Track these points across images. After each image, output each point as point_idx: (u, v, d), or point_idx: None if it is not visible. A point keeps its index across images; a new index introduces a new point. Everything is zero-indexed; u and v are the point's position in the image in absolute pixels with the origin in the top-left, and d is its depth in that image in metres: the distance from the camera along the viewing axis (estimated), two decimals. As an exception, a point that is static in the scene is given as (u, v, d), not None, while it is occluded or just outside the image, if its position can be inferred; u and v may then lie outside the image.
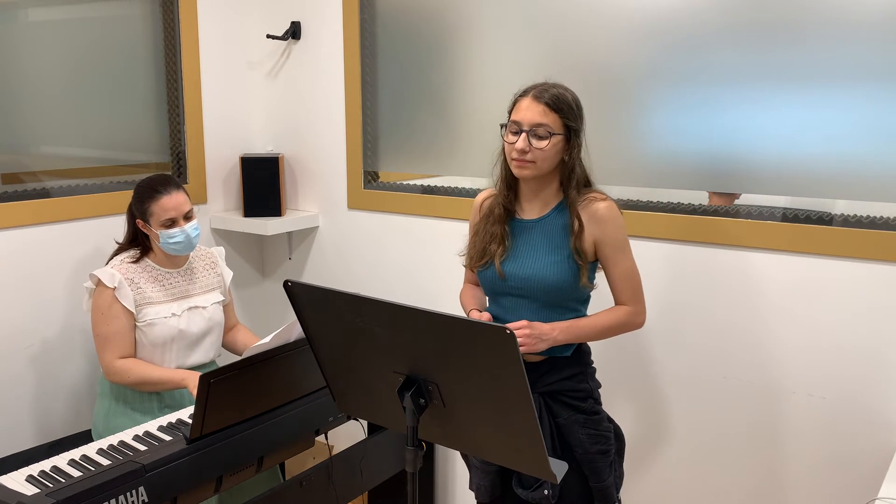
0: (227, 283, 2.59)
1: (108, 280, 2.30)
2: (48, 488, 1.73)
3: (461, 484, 2.91)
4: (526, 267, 1.94)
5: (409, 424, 1.55)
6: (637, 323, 1.98)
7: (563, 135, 1.88)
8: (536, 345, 1.88)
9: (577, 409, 1.97)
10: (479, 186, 2.74)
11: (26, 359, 2.60)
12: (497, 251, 1.96)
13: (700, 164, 2.29)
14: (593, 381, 2.03)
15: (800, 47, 2.09)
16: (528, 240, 1.96)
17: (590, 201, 1.92)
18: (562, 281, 1.91)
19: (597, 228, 1.91)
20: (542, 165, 1.89)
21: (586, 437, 1.96)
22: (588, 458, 1.96)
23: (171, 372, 2.34)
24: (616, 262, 1.94)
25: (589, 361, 2.04)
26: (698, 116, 2.27)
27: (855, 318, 2.12)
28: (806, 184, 2.15)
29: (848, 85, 2.05)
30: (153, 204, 2.34)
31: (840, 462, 2.18)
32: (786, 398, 2.24)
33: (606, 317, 1.96)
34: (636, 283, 1.96)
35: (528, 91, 1.90)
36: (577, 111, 1.90)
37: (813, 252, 2.14)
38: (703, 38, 2.22)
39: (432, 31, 2.74)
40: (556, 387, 1.96)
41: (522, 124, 1.87)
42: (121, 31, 2.81)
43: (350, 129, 2.96)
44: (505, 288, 1.97)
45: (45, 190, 2.63)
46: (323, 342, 1.71)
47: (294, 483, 2.20)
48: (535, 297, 1.93)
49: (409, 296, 2.88)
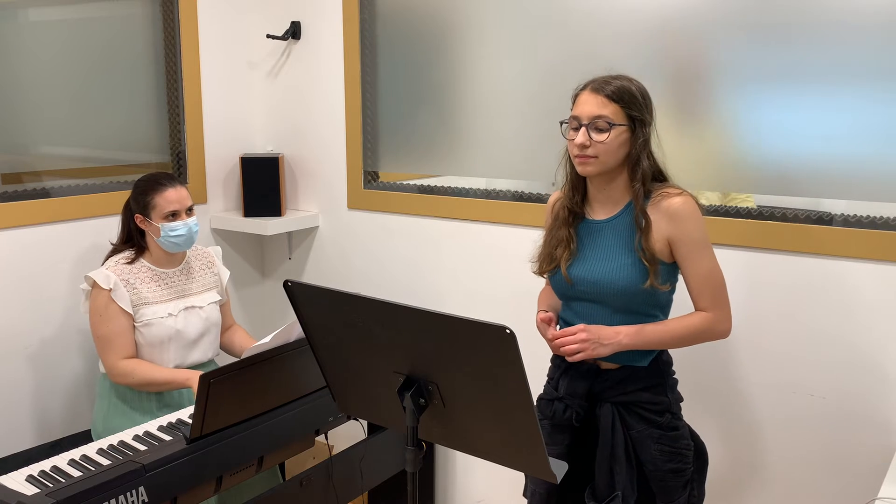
0: (223, 283, 2.58)
1: (103, 282, 2.30)
2: (48, 488, 1.73)
3: (461, 484, 2.91)
4: (595, 271, 1.83)
5: (409, 424, 1.55)
6: (719, 331, 1.83)
7: (626, 126, 1.77)
8: (596, 349, 1.78)
9: (653, 422, 1.85)
10: (479, 186, 2.74)
11: (26, 359, 2.60)
12: (563, 255, 1.87)
13: (713, 165, 2.29)
14: (673, 393, 1.90)
15: (807, 46, 2.09)
16: (597, 242, 1.86)
17: (663, 197, 1.80)
18: (633, 285, 1.79)
19: (670, 226, 1.79)
20: (606, 160, 1.78)
21: (659, 454, 1.84)
22: (659, 475, 1.84)
23: (175, 372, 2.34)
24: (693, 262, 1.80)
25: (670, 372, 1.91)
26: (700, 116, 2.27)
27: (855, 317, 2.11)
28: (808, 184, 2.15)
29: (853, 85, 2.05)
30: (157, 196, 2.34)
31: (840, 462, 2.18)
32: (786, 398, 2.24)
33: (682, 322, 1.83)
34: (717, 286, 1.82)
35: (588, 84, 1.81)
36: (641, 100, 1.79)
37: (813, 252, 2.14)
38: (704, 38, 2.22)
39: (432, 31, 2.74)
40: (632, 397, 1.85)
41: (581, 118, 1.78)
42: (121, 31, 2.81)
43: (350, 129, 2.96)
44: (575, 293, 1.87)
45: (45, 190, 2.63)
46: (323, 342, 1.71)
47: (294, 483, 2.20)
48: (606, 301, 1.83)
49: (409, 296, 2.88)
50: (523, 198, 2.62)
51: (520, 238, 2.54)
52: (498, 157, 2.66)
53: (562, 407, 1.91)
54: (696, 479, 1.93)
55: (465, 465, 2.89)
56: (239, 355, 2.54)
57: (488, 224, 2.69)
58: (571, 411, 1.89)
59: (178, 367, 2.40)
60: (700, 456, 1.95)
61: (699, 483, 1.95)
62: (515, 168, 2.63)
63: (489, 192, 2.71)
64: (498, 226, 2.66)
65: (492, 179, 2.72)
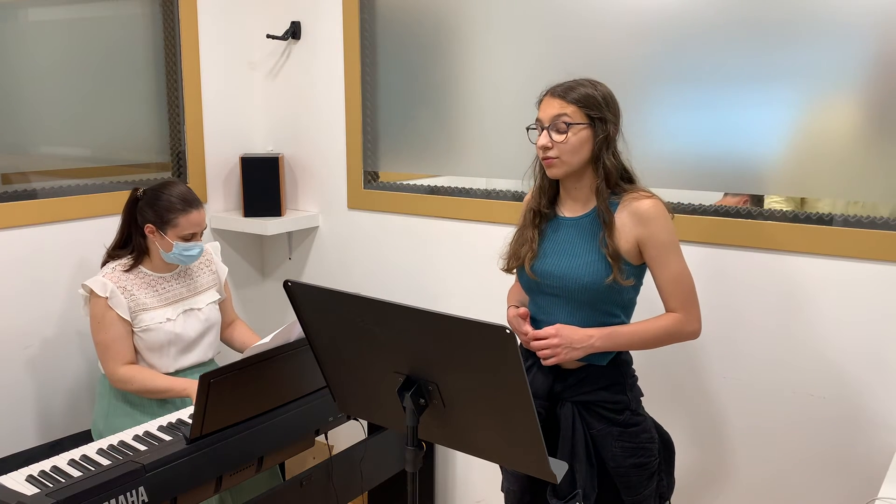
0: (222, 280, 2.58)
1: (99, 290, 2.29)
2: (48, 488, 1.73)
3: (461, 484, 2.91)
4: (560, 266, 1.88)
5: (409, 424, 1.55)
6: (688, 332, 1.87)
7: (585, 124, 1.81)
8: (568, 353, 1.81)
9: (612, 421, 1.88)
10: (479, 186, 2.74)
11: (26, 359, 2.60)
12: (526, 255, 1.92)
13: (709, 164, 2.29)
14: (632, 391, 1.93)
15: (798, 46, 2.09)
16: (564, 238, 1.90)
17: (632, 199, 1.84)
18: (597, 280, 1.82)
19: (639, 227, 1.83)
20: (568, 160, 1.82)
21: (620, 451, 1.88)
22: (621, 471, 1.88)
23: (174, 381, 2.34)
24: (663, 264, 1.83)
25: (628, 372, 1.94)
26: (702, 116, 2.27)
27: (855, 317, 2.11)
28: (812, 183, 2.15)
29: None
30: (181, 217, 2.32)
31: (840, 462, 2.18)
32: (786, 398, 2.24)
33: (653, 324, 1.86)
34: (687, 287, 1.85)
35: (549, 90, 1.87)
36: (601, 101, 1.82)
37: (812, 252, 2.14)
38: (705, 38, 2.22)
39: (432, 31, 2.74)
40: (591, 397, 1.88)
41: (543, 121, 1.84)
42: (121, 31, 2.81)
43: (350, 129, 2.96)
44: (540, 287, 1.91)
45: (45, 190, 2.63)
46: (323, 342, 1.71)
47: (294, 483, 2.20)
48: (569, 296, 1.86)
49: (409, 296, 2.88)
50: (523, 198, 2.61)
51: (520, 238, 2.54)
52: (498, 157, 2.66)
53: None
54: (664, 469, 1.98)
55: (465, 465, 2.89)
56: (240, 350, 2.54)
57: (488, 224, 2.69)
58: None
59: (177, 369, 2.40)
60: (667, 447, 1.99)
61: (668, 472, 2.00)
62: (515, 168, 2.61)
63: (489, 192, 2.71)
64: (498, 226, 2.66)
65: (492, 179, 2.73)
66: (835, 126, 2.10)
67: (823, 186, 2.14)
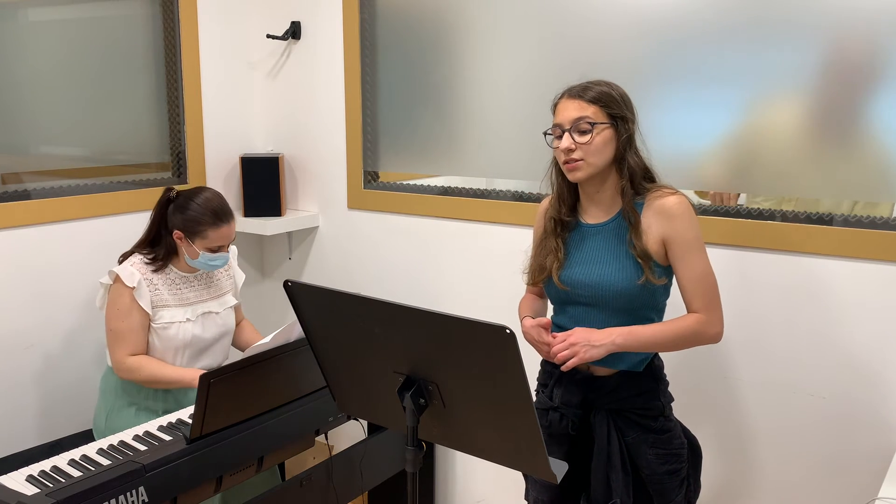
0: (239, 285, 2.58)
1: (127, 279, 2.29)
2: (48, 488, 1.73)
3: (461, 484, 2.91)
4: (591, 274, 1.83)
5: (409, 424, 1.55)
6: (710, 334, 1.81)
7: (608, 124, 1.78)
8: (588, 352, 1.75)
9: (646, 427, 1.86)
10: (478, 186, 2.74)
11: (26, 359, 2.60)
12: (553, 265, 1.87)
13: (700, 162, 2.29)
14: (665, 396, 1.91)
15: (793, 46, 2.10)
16: (592, 245, 1.86)
17: (657, 196, 1.80)
18: (630, 283, 1.79)
19: (665, 225, 1.79)
20: (593, 161, 1.78)
21: (655, 458, 1.85)
22: (656, 478, 1.85)
23: (182, 371, 2.33)
24: (687, 262, 1.79)
25: (662, 376, 1.92)
26: (701, 116, 2.27)
27: (855, 317, 2.11)
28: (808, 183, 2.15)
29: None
30: (212, 230, 2.32)
31: (840, 462, 2.18)
32: (786, 398, 2.24)
33: (675, 324, 1.81)
34: (710, 288, 1.80)
35: (565, 92, 1.83)
36: (619, 100, 1.79)
37: (812, 252, 2.14)
38: (706, 37, 2.22)
39: (432, 30, 2.74)
40: (625, 404, 1.86)
41: (563, 125, 1.79)
42: (121, 31, 2.81)
43: (350, 129, 2.96)
44: (570, 297, 1.86)
45: (45, 190, 2.63)
46: (323, 342, 1.71)
47: (294, 483, 2.20)
48: (604, 304, 1.82)
49: (410, 296, 2.88)
50: (523, 198, 2.62)
51: (520, 238, 2.54)
52: (498, 157, 2.66)
53: (557, 416, 1.91)
54: (692, 474, 1.95)
55: (465, 465, 2.89)
56: (243, 349, 2.54)
57: (488, 224, 2.69)
58: (567, 420, 1.90)
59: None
60: (693, 451, 1.97)
61: (695, 478, 1.97)
62: (515, 168, 2.63)
63: (489, 192, 2.71)
64: (498, 226, 2.66)
65: (492, 179, 2.73)
66: (780, 125, 2.12)
67: (764, 184, 2.17)
